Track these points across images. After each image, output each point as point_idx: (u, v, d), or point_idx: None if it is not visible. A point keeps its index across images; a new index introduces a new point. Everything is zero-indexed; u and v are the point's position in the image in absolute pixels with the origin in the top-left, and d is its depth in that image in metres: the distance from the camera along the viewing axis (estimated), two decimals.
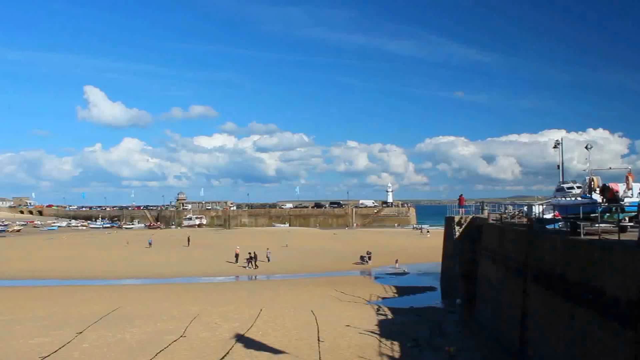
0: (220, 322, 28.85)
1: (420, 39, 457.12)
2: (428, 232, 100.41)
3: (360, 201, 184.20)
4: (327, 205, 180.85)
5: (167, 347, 23.53)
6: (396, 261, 57.84)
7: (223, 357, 21.99)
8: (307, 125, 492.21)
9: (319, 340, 24.78)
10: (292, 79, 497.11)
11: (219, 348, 23.29)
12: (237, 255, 60.29)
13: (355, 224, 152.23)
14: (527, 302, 21.98)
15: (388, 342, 24.52)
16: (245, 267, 56.98)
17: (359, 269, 56.75)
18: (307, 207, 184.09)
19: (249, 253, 58.12)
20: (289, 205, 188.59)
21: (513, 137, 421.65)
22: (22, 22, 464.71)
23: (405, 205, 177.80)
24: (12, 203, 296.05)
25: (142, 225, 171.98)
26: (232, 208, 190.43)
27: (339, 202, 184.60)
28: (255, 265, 56.80)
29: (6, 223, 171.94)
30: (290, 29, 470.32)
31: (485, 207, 39.80)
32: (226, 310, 32.44)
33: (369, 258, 59.68)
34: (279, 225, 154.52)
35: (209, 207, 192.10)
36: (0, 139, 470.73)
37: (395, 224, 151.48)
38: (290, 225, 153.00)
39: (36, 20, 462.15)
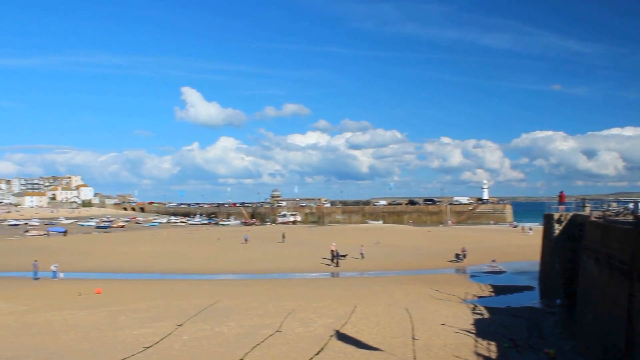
0: (315, 317, 29.02)
1: (515, 32, 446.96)
2: (530, 229, 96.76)
3: (455, 198, 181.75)
4: (421, 202, 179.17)
5: (264, 341, 23.83)
6: (493, 260, 56.59)
7: (318, 353, 22.07)
8: (400, 121, 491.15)
9: (413, 338, 24.51)
10: (384, 75, 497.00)
11: (313, 343, 23.41)
12: (332, 252, 60.50)
13: (449, 221, 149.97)
14: (634, 305, 21.00)
15: (484, 342, 23.98)
16: (328, 264, 57.02)
17: (454, 267, 55.83)
18: (400, 204, 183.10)
19: (332, 251, 58.06)
20: (383, 202, 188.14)
21: (616, 130, 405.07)
22: (124, 29, 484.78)
23: (501, 202, 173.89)
24: (116, 200, 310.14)
25: (238, 221, 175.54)
26: (325, 205, 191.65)
27: (433, 199, 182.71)
28: (337, 263, 56.67)
29: (111, 219, 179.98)
30: (382, 25, 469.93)
31: (587, 204, 38.20)
32: (321, 306, 32.61)
33: (464, 256, 58.73)
34: (372, 222, 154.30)
35: (303, 204, 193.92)
36: (105, 140, 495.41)
37: (491, 221, 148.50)
38: (383, 223, 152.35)
39: (136, 26, 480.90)
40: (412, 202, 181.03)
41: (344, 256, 58.49)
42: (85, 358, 21.68)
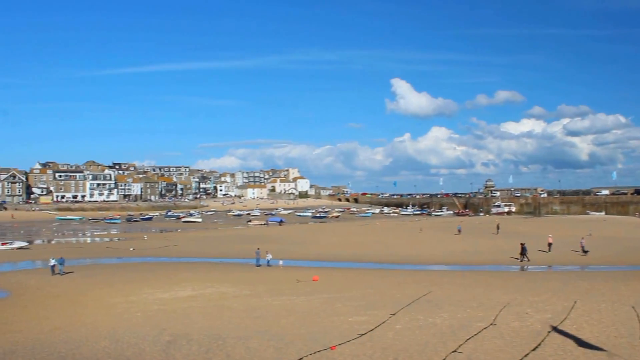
0: (531, 312, 27.91)
1: None
2: None
3: None
4: None
5: (477, 334, 23.37)
6: None
7: (535, 349, 21.21)
8: (624, 104, 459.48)
9: None
10: (605, 55, 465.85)
11: (530, 339, 22.53)
12: (549, 245, 58.05)
13: None
14: None
15: None
16: (517, 259, 53.95)
17: None
18: (625, 194, 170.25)
19: (521, 244, 55.02)
20: (605, 192, 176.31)
21: None
22: (335, 26, 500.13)
23: None
24: (331, 191, 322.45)
25: (451, 212, 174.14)
26: (542, 195, 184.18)
27: None
28: (527, 258, 53.53)
29: (327, 210, 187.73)
30: (604, 1, 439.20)
31: None
32: (537, 300, 31.31)
33: None
34: (593, 213, 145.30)
35: (518, 194, 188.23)
36: (320, 133, 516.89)
37: None
38: (605, 214, 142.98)
39: (346, 22, 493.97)
40: (639, 192, 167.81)
41: (587, 252, 55.26)
42: (304, 342, 22.65)
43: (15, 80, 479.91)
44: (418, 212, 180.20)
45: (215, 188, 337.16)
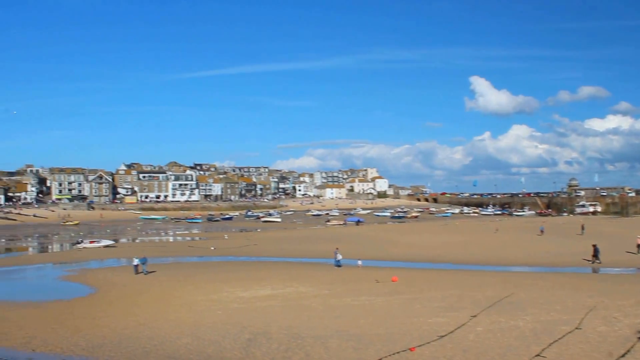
0: (619, 316, 26.85)
1: None
2: None
3: None
4: None
5: (561, 338, 22.67)
6: None
7: (624, 355, 20.37)
8: None
9: None
10: None
11: (618, 344, 21.68)
12: (638, 246, 55.85)
13: None
14: None
15: None
16: (589, 260, 51.96)
17: None
18: None
19: (593, 245, 52.81)
20: None
21: None
22: (412, 23, 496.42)
23: None
24: (409, 191, 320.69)
25: (533, 212, 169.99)
26: (629, 194, 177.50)
27: None
28: (598, 260, 51.27)
29: (405, 210, 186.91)
30: None
31: None
32: (625, 304, 30.10)
33: None
34: None
35: (604, 194, 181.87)
36: (398, 133, 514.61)
37: None
38: None
39: (423, 19, 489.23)
40: None
41: None
42: (383, 342, 22.54)
43: (102, 84, 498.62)
44: (499, 212, 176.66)
45: (294, 188, 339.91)
